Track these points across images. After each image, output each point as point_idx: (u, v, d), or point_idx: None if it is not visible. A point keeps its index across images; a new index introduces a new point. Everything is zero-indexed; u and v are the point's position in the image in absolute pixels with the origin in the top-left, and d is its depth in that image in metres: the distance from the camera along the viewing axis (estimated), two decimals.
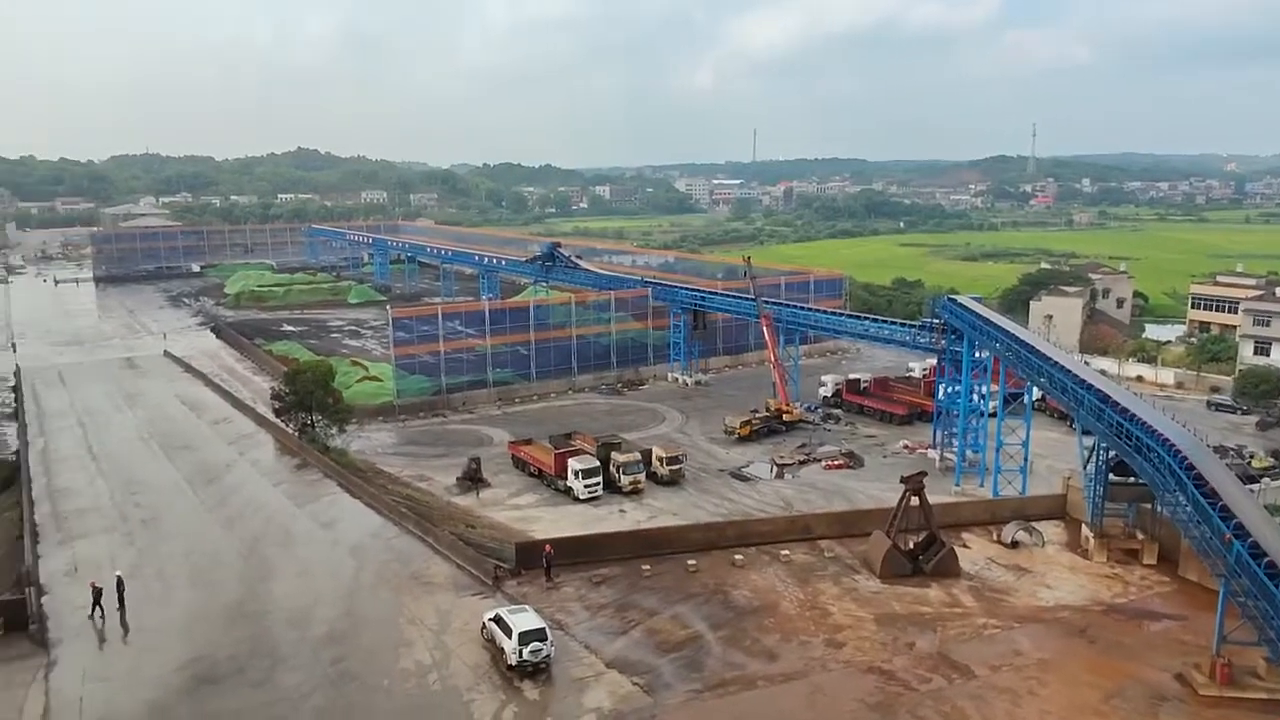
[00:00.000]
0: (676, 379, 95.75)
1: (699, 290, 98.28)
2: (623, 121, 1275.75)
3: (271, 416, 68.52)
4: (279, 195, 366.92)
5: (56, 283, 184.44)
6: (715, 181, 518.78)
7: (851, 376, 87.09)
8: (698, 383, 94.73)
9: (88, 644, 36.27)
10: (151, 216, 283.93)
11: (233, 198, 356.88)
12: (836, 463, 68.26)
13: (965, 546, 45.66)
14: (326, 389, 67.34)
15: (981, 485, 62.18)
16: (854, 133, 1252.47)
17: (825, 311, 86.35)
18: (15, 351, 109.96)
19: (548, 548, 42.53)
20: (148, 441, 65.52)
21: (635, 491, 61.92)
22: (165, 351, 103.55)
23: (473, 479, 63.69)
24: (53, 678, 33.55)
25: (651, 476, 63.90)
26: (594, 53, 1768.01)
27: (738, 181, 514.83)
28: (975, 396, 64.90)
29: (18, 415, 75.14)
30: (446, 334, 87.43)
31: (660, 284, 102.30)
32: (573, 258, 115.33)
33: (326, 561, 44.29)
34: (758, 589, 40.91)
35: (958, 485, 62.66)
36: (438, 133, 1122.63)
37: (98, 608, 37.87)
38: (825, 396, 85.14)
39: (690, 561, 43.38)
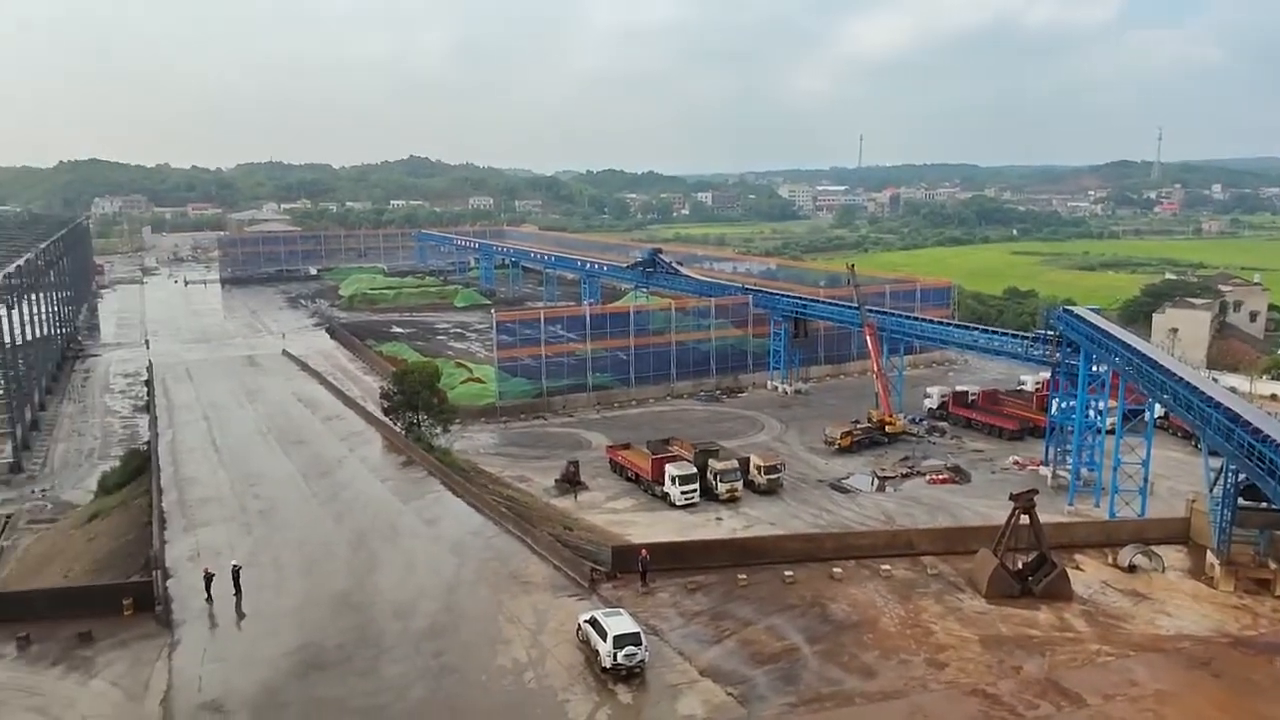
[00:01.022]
0: (776, 387, 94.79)
1: (800, 298, 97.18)
2: (726, 127, 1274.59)
3: (380, 415, 70.88)
4: (391, 201, 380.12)
5: (186, 283, 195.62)
6: (819, 188, 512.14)
7: (959, 389, 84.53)
8: (797, 391, 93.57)
9: (207, 626, 38.16)
10: (274, 222, 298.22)
11: (349, 204, 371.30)
12: (941, 477, 66.37)
13: (1078, 569, 43.61)
14: (432, 389, 69.28)
15: (1097, 506, 59.46)
16: (965, 137, 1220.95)
17: (932, 321, 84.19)
18: (149, 348, 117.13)
19: (644, 552, 42.60)
20: (266, 436, 68.64)
21: (732, 499, 61.57)
22: (284, 351, 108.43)
23: (571, 481, 64.51)
24: (175, 656, 35.40)
25: (749, 485, 63.44)
26: (698, 58, 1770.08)
27: (842, 188, 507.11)
28: (1092, 412, 62.12)
29: (150, 408, 79.91)
30: (548, 338, 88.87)
31: (761, 291, 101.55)
32: (673, 264, 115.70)
33: (429, 557, 45.46)
34: (856, 603, 40.02)
35: (1071, 505, 60.08)
36: (543, 140, 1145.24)
37: (209, 593, 39.79)
38: (930, 409, 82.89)
39: (787, 573, 42.75)
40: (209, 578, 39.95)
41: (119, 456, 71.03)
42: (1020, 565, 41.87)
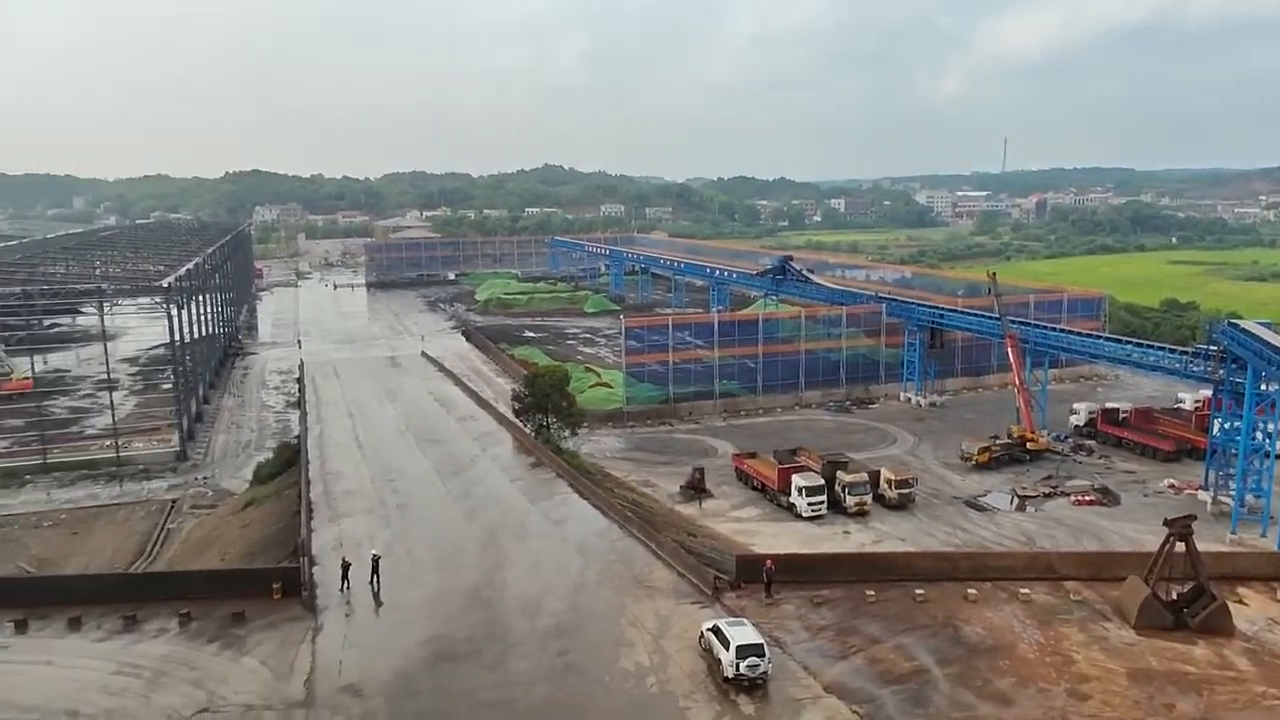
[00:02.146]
0: (909, 399, 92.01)
1: (937, 307, 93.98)
2: (860, 132, 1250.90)
3: (511, 416, 72.73)
4: (526, 209, 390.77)
5: (335, 287, 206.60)
6: (959, 193, 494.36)
7: (1109, 405, 79.82)
8: (932, 404, 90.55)
9: (346, 613, 40.02)
10: (416, 228, 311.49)
11: (486, 211, 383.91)
12: (1088, 498, 62.84)
13: (1241, 603, 40.34)
14: (562, 393, 70.61)
15: (1263, 535, 54.97)
16: (1119, 139, 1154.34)
17: (1080, 333, 79.93)
18: (300, 348, 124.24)
19: (769, 563, 42.04)
20: (404, 433, 71.54)
21: (861, 513, 60.12)
22: (422, 352, 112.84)
23: (696, 488, 64.44)
24: (318, 640, 37.27)
25: (879, 499, 61.80)
26: (833, 63, 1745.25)
27: (984, 193, 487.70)
28: (1259, 435, 57.41)
29: (300, 404, 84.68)
30: (676, 344, 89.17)
31: (895, 300, 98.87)
32: (804, 271, 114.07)
33: (555, 557, 46.27)
34: (992, 627, 38.26)
35: (1234, 533, 55.75)
36: (675, 147, 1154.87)
37: (346, 581, 41.69)
38: (1077, 426, 78.64)
39: (918, 591, 41.32)
40: (346, 567, 41.88)
41: (272, 449, 75.49)
42: (1174, 596, 39.08)
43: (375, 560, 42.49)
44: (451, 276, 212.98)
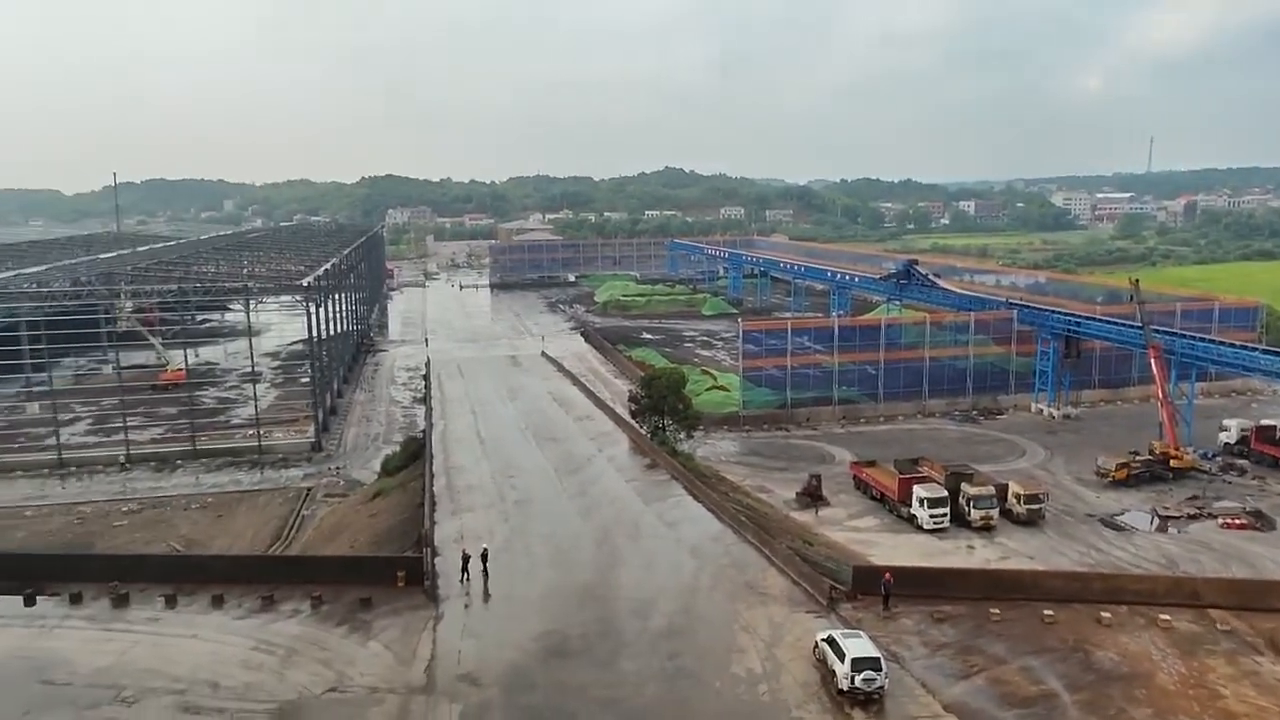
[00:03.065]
0: (1041, 410, 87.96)
1: (1073, 315, 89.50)
2: (991, 132, 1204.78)
3: (627, 417, 73.29)
4: (646, 211, 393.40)
5: (461, 288, 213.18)
6: (1100, 195, 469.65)
7: (1265, 423, 74.18)
8: (1066, 416, 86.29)
9: (465, 604, 41.17)
10: (538, 231, 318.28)
11: (606, 214, 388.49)
12: (1238, 521, 58.60)
13: None
14: (678, 395, 70.67)
15: None
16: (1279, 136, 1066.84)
17: (1233, 345, 74.60)
18: (427, 346, 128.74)
19: (888, 576, 40.90)
20: (524, 431, 73.11)
21: (986, 528, 57.85)
22: (542, 352, 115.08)
23: (813, 496, 63.35)
24: (439, 629, 38.51)
25: (1006, 514, 59.33)
26: (963, 61, 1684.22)
27: (1127, 195, 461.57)
28: None
29: (426, 400, 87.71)
30: (794, 349, 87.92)
31: (1027, 306, 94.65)
32: (930, 276, 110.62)
33: (669, 559, 46.34)
34: (1127, 654, 36.12)
35: None
36: (797, 149, 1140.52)
37: (465, 573, 42.88)
38: (1227, 443, 73.44)
39: (1047, 611, 39.42)
40: (466, 559, 43.12)
41: (399, 442, 78.42)
42: None
43: (484, 553, 43.59)
44: (572, 278, 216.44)
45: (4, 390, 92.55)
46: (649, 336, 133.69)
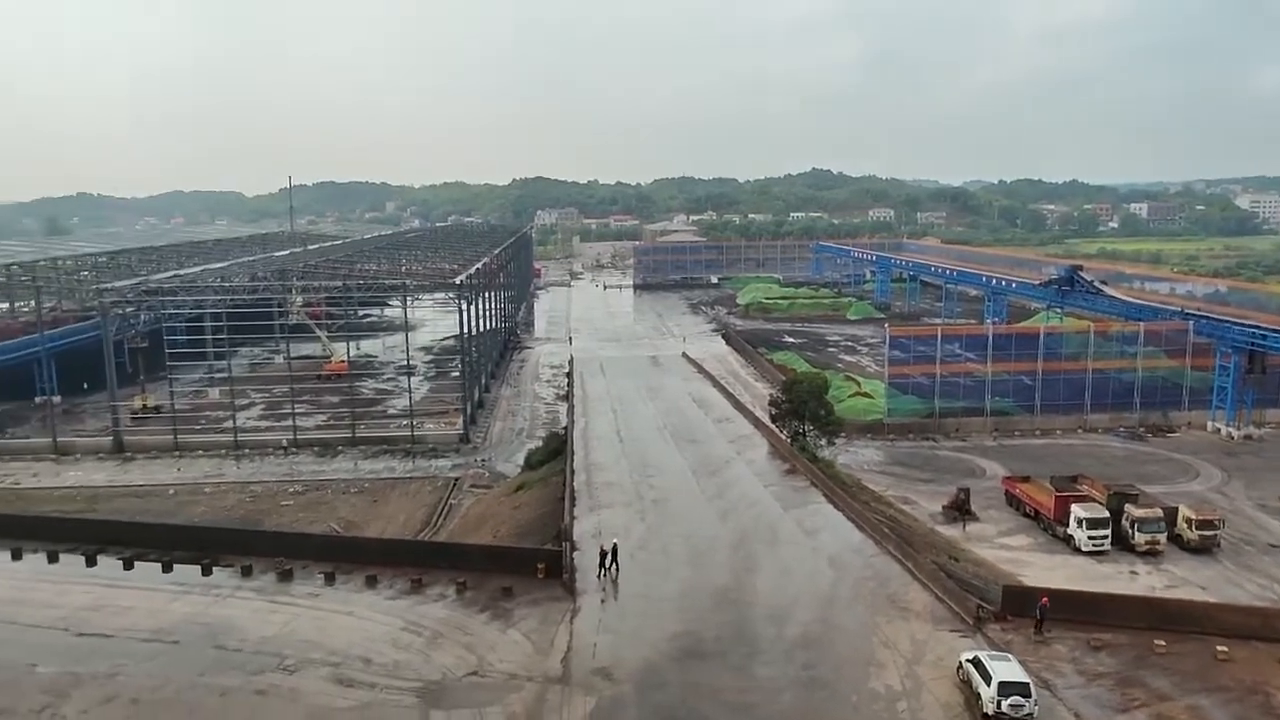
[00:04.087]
0: (1219, 429, 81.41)
1: (1258, 326, 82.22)
2: (1167, 130, 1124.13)
3: (767, 421, 72.54)
4: (791, 214, 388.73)
5: (605, 287, 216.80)
6: None
7: None
8: (1247, 437, 79.53)
9: (601, 599, 41.76)
10: (682, 232, 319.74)
11: (750, 216, 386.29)
12: None
13: None
14: (820, 400, 69.41)
15: None
16: None
17: None
18: (571, 344, 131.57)
19: (1044, 599, 38.71)
20: (663, 431, 73.56)
21: (1152, 553, 54.04)
22: (683, 353, 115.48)
23: (960, 510, 60.90)
24: (576, 622, 39.23)
25: (1174, 539, 55.22)
26: (1134, 56, 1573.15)
27: None
28: None
29: (569, 397, 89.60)
30: (945, 356, 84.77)
31: (1205, 317, 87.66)
32: (1095, 282, 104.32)
33: (806, 567, 45.54)
34: None
35: None
36: (951, 149, 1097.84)
37: (603, 569, 43.47)
38: None
39: (1220, 648, 36.37)
40: (604, 555, 43.76)
41: (542, 438, 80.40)
42: None
43: (614, 548, 44.07)
44: (714, 280, 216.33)
45: (189, 376, 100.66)
46: (791, 340, 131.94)
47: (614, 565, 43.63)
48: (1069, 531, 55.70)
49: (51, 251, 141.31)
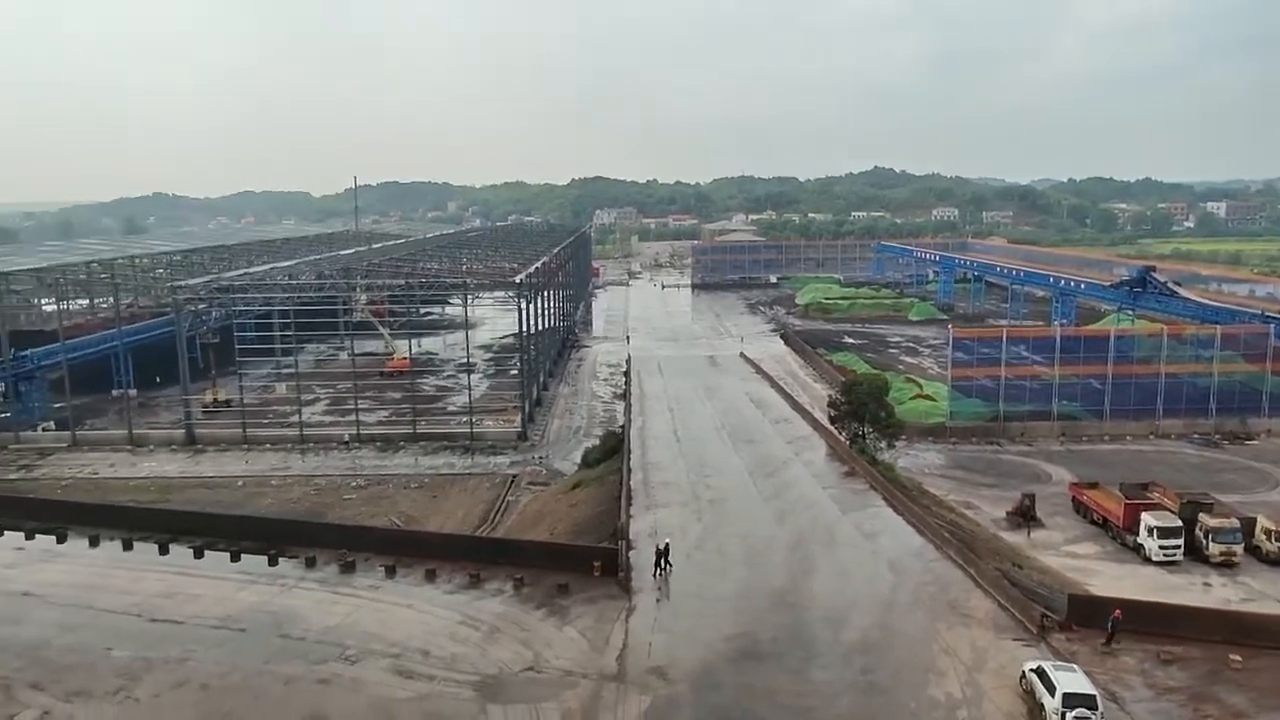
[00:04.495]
0: None
1: None
2: (1249, 126, 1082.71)
3: (826, 423, 71.78)
4: (852, 213, 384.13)
5: (663, 287, 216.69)
6: None
7: None
8: None
9: (656, 598, 41.77)
10: (740, 231, 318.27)
11: (810, 215, 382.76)
12: None
13: None
14: (880, 402, 68.44)
15: None
16: None
17: None
18: (629, 343, 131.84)
19: (1117, 612, 37.32)
20: (720, 431, 73.29)
21: (1227, 564, 52.15)
22: (741, 353, 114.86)
23: (1025, 516, 59.53)
24: (631, 620, 39.32)
25: (1251, 550, 53.28)
26: (1213, 48, 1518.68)
27: None
28: None
29: (626, 396, 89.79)
30: (1010, 359, 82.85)
31: None
32: (1169, 284, 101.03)
33: (865, 570, 44.97)
34: None
35: None
36: (1018, 146, 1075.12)
37: (658, 568, 43.48)
38: None
39: None
40: (659, 554, 43.80)
41: (599, 436, 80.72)
42: None
43: (665, 547, 44.02)
44: (773, 279, 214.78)
45: (257, 371, 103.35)
46: (851, 341, 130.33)
47: (666, 565, 43.61)
48: (1139, 540, 54.05)
49: (129, 250, 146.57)
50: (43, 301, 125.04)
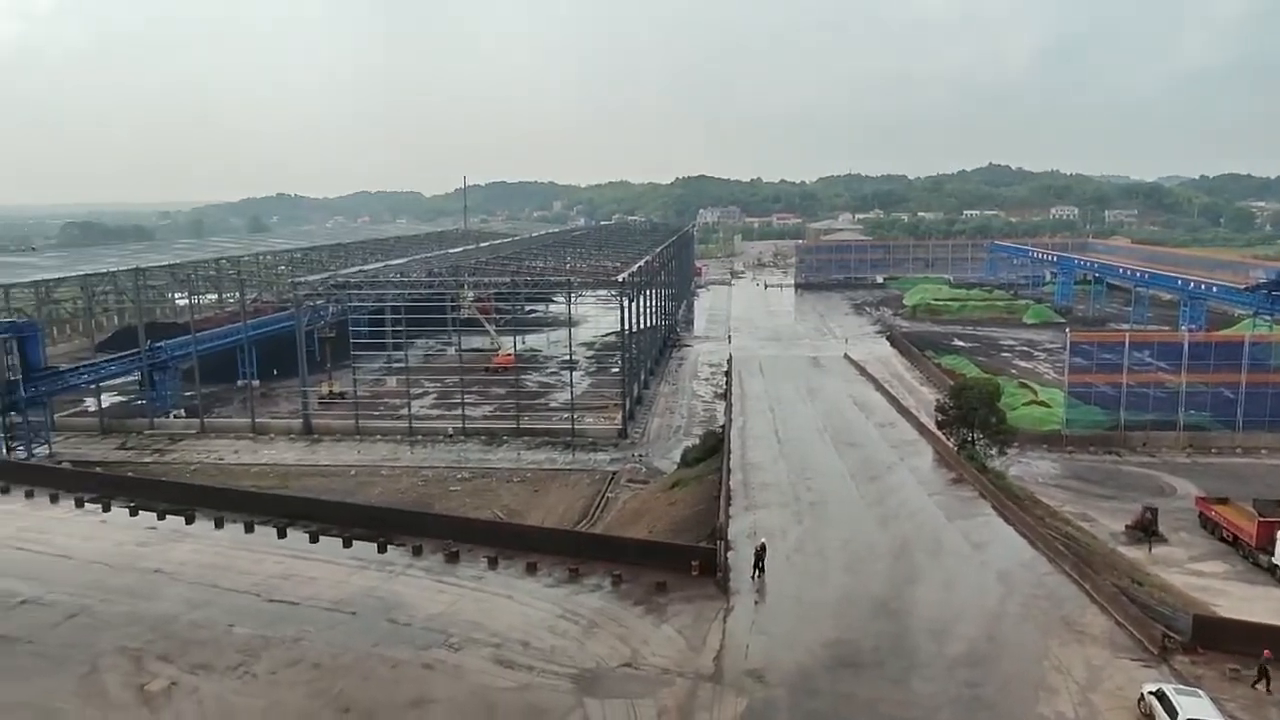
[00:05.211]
0: None
1: None
2: None
3: (933, 427, 69.82)
4: (964, 211, 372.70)
5: (766, 286, 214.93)
6: None
7: None
8: None
9: (755, 600, 41.42)
10: (847, 231, 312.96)
11: (920, 214, 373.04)
12: None
13: None
14: (991, 407, 66.15)
15: None
16: None
17: None
18: (730, 343, 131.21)
19: (1266, 651, 34.19)
20: (821, 433, 72.16)
21: None
22: (845, 354, 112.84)
23: (1146, 530, 56.60)
24: (729, 621, 39.11)
25: None
26: None
27: None
28: None
29: (726, 396, 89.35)
30: (1132, 365, 78.91)
31: None
32: None
33: (972, 580, 43.54)
34: None
35: None
36: (1144, 142, 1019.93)
37: (757, 569, 43.07)
38: None
39: None
40: (758, 555, 43.39)
41: (699, 435, 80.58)
42: None
43: (762, 548, 43.52)
44: (879, 280, 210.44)
45: (370, 365, 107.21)
46: (961, 344, 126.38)
47: (761, 567, 43.19)
48: (1274, 561, 50.67)
49: (254, 248, 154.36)
50: (176, 296, 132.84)
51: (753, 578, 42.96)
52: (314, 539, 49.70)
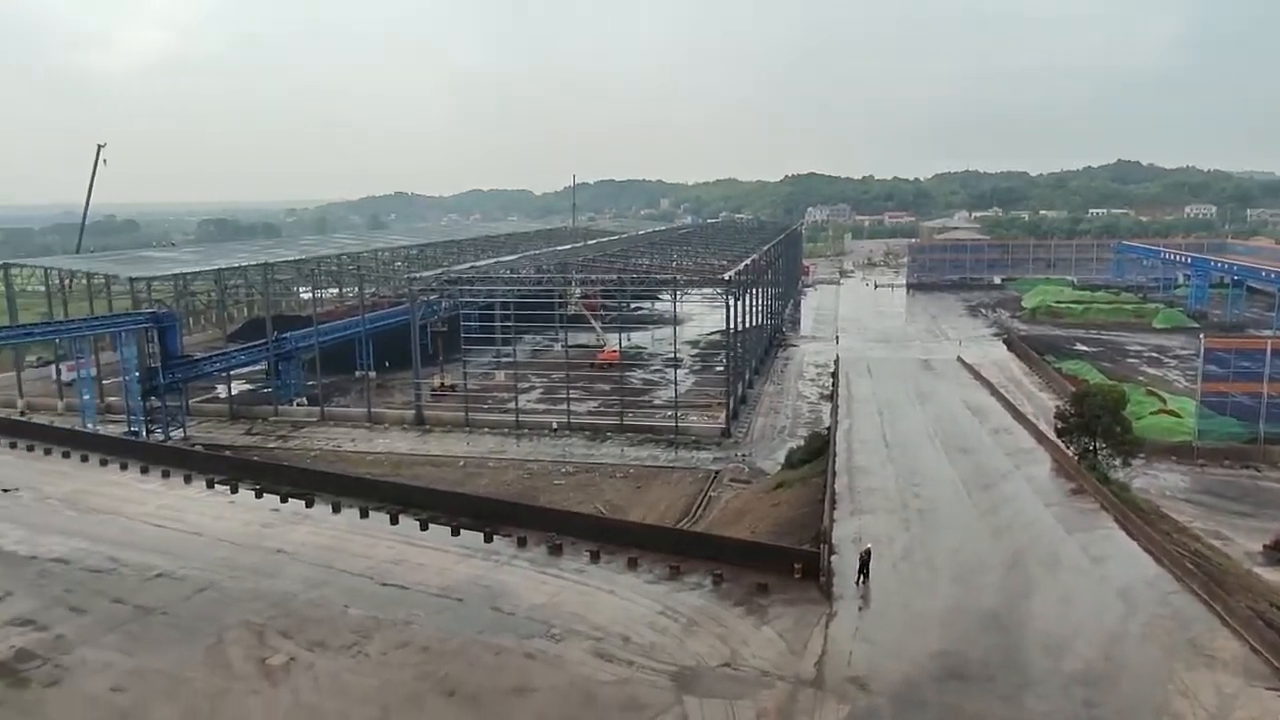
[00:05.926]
0: None
1: None
2: None
3: (1052, 435, 66.96)
4: (1090, 210, 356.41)
5: (875, 286, 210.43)
6: None
7: None
8: None
9: (859, 607, 40.57)
10: (962, 230, 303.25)
11: (1042, 212, 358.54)
12: None
13: None
14: (1115, 416, 62.93)
15: None
16: None
17: None
18: (838, 343, 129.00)
19: None
20: (932, 438, 70.12)
21: None
22: (958, 358, 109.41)
23: None
24: (831, 626, 38.42)
25: None
26: None
27: None
28: None
29: (833, 398, 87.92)
30: (1274, 374, 73.89)
31: None
32: None
33: (1090, 596, 41.56)
34: None
35: None
36: None
37: (862, 575, 42.14)
38: None
39: None
40: (863, 561, 42.46)
41: (803, 437, 79.45)
42: None
43: (867, 553, 42.49)
44: (997, 281, 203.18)
45: (480, 359, 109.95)
46: (1084, 348, 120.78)
47: (865, 574, 42.25)
48: None
49: (372, 244, 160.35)
50: (300, 289, 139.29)
51: (857, 584, 42.09)
52: (424, 526, 51.23)
